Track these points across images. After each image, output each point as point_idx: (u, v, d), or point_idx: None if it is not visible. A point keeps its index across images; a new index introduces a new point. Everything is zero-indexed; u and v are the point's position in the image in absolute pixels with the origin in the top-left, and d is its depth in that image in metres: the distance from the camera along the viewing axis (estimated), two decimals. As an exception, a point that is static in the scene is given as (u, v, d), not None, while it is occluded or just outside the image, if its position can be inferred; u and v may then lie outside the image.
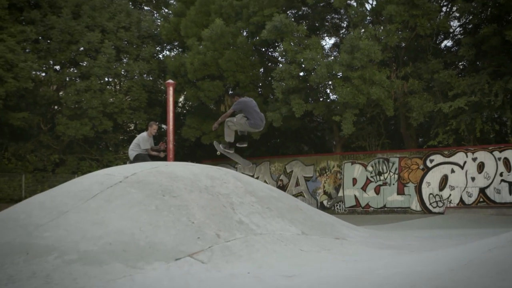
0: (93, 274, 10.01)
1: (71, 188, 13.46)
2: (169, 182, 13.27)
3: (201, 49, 35.16)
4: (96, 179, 13.59)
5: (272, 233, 12.70)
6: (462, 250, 9.52)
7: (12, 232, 11.52)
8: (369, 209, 33.23)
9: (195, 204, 12.65)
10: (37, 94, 35.90)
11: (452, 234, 18.47)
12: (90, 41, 36.32)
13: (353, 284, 8.33)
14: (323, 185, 35.37)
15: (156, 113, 38.87)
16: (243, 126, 14.68)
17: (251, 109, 14.81)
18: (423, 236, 17.52)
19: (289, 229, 13.28)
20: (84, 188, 13.10)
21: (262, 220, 13.19)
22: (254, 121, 14.72)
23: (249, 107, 14.79)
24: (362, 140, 38.23)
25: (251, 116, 14.69)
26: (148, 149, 17.09)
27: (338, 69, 31.20)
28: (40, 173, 35.69)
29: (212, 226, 12.22)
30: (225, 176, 15.00)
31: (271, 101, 35.71)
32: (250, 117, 14.69)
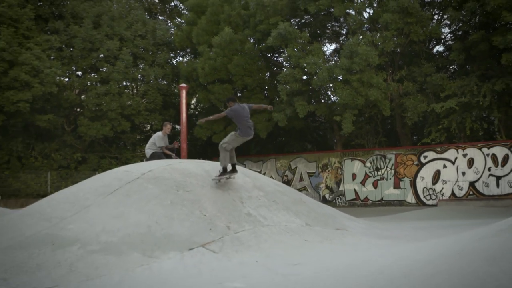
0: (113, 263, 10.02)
1: (92, 184, 13.48)
2: (182, 178, 13.27)
3: (211, 55, 35.16)
4: (116, 176, 13.61)
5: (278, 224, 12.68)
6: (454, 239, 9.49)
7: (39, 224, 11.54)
8: (367, 202, 33.16)
9: (206, 198, 12.65)
10: (61, 98, 35.95)
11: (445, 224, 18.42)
12: (109, 48, 36.36)
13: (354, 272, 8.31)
14: (325, 180, 35.31)
15: (170, 115, 38.87)
16: (237, 141, 13.88)
17: (242, 119, 13.90)
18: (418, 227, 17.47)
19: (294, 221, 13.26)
20: (104, 184, 13.11)
21: (269, 213, 13.18)
22: (243, 130, 13.83)
23: (241, 116, 13.90)
24: (361, 138, 38.13)
25: (241, 125, 13.77)
26: (162, 147, 17.07)
27: (338, 73, 31.15)
28: (64, 170, 35.73)
29: (222, 218, 12.21)
30: (235, 172, 14.98)
31: (276, 102, 35.66)
32: (240, 126, 13.77)
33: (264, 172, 37.34)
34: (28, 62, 32.16)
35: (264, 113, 35.45)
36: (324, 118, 39.59)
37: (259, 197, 13.87)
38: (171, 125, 18.09)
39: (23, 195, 32.93)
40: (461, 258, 7.07)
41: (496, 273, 5.98)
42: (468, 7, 30.70)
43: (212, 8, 36.70)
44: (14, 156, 34.31)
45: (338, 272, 8.52)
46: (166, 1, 49.00)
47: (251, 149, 42.51)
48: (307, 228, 13.03)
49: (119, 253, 10.35)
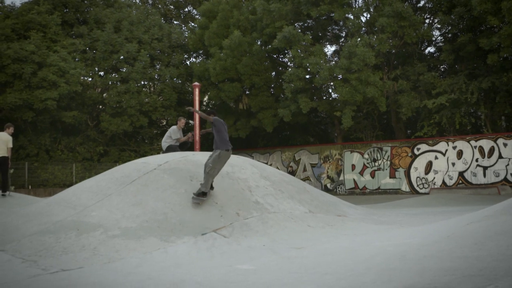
0: (132, 247, 10.03)
1: (113, 174, 13.49)
2: (196, 169, 13.26)
3: (222, 56, 35.18)
4: (134, 167, 13.61)
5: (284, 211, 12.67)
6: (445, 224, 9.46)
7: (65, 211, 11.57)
8: (365, 190, 33.14)
9: (218, 187, 12.64)
10: (84, 96, 36.07)
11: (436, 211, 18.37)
12: (128, 50, 36.40)
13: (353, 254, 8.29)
14: (327, 171, 35.30)
15: (184, 111, 38.88)
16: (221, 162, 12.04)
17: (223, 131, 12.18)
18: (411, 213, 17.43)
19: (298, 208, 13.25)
20: (124, 175, 13.12)
21: (275, 201, 13.16)
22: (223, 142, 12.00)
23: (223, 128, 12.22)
24: (359, 132, 38.11)
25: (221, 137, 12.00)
26: (178, 138, 17.05)
27: (338, 72, 31.16)
28: (87, 162, 35.84)
29: (232, 206, 12.20)
30: (243, 163, 14.98)
31: (281, 99, 35.68)
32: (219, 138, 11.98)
33: (271, 163, 37.36)
34: (55, 64, 32.26)
35: (270, 109, 35.47)
36: (326, 113, 39.58)
37: (266, 186, 13.85)
38: (185, 119, 18.05)
39: (51, 185, 33.05)
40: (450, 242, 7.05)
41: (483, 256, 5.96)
42: (456, 12, 30.66)
43: (223, 13, 36.69)
44: (43, 149, 34.46)
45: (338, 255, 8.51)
46: (180, 7, 49.01)
47: (258, 142, 42.52)
48: (310, 214, 13.01)
49: (137, 237, 10.36)
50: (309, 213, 13.09)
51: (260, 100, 35.91)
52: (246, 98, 37.23)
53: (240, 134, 37.26)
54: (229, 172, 13.74)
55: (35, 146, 34.16)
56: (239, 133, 37.25)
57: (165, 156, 14.84)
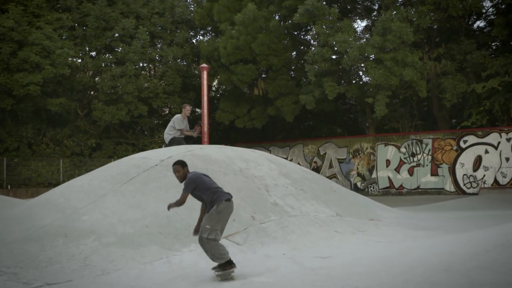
0: (130, 256, 10.07)
1: (108, 171, 13.54)
2: (204, 165, 13.28)
3: (234, 34, 35.11)
4: (133, 163, 13.66)
5: (307, 214, 12.67)
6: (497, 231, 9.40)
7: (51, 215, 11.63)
8: (402, 190, 33.05)
9: (230, 186, 12.65)
10: (73, 80, 36.12)
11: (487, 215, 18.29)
12: (124, 27, 36.43)
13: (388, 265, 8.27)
14: (357, 167, 35.23)
15: (190, 98, 38.91)
16: (223, 218, 9.72)
17: (207, 185, 9.83)
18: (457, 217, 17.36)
19: (323, 210, 13.24)
20: (120, 172, 13.17)
21: (296, 202, 13.16)
22: (219, 195, 9.67)
23: (205, 182, 9.84)
24: (395, 122, 37.95)
25: (209, 192, 9.70)
26: (182, 129, 17.03)
27: (370, 51, 31.00)
28: (77, 157, 35.94)
29: (247, 208, 12.21)
30: (259, 158, 14.99)
31: (304, 84, 35.60)
32: (209, 194, 9.69)
33: (291, 158, 37.33)
34: (38, 42, 32.31)
35: (290, 95, 35.40)
36: (355, 100, 39.44)
37: (286, 185, 13.85)
38: (190, 106, 18.07)
39: (34, 184, 33.19)
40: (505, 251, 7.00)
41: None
42: (512, -22, 30.38)
43: (235, -17, 36.68)
44: (24, 143, 34.54)
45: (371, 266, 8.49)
46: (185, -24, 49.03)
47: (276, 134, 42.51)
48: (338, 218, 13.00)
49: (136, 245, 10.41)
50: (336, 217, 13.08)
51: (279, 84, 35.84)
52: (262, 82, 37.18)
53: (256, 124, 37.26)
54: (242, 168, 13.75)
55: (15, 139, 34.28)
56: (254, 123, 37.24)
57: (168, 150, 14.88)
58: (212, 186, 9.82)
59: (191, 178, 9.74)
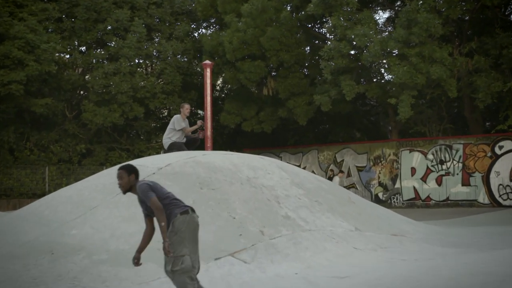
0: (124, 276, 10.08)
1: (99, 181, 13.57)
2: (207, 174, 13.30)
3: (240, 26, 35.16)
4: (127, 171, 13.69)
5: (322, 229, 12.67)
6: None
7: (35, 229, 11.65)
8: (430, 202, 33.00)
9: (236, 197, 12.67)
10: (61, 78, 36.18)
11: (526, 230, 18.25)
12: (118, 19, 36.46)
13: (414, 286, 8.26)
14: (378, 176, 35.22)
15: (191, 98, 38.95)
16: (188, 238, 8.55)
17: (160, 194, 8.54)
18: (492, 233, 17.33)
19: (340, 224, 13.24)
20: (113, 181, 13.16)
21: (310, 215, 13.17)
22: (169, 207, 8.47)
23: (158, 191, 8.58)
24: (421, 125, 37.90)
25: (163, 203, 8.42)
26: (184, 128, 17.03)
27: (394, 46, 30.99)
28: (65, 164, 36.01)
29: (255, 221, 12.22)
30: (269, 166, 15.00)
31: (318, 82, 35.60)
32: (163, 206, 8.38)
33: (304, 166, 37.36)
34: (21, 36, 32.36)
35: (303, 95, 35.40)
36: (376, 100, 39.45)
37: (299, 196, 13.86)
38: (189, 105, 18.12)
39: (16, 195, 33.27)
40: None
41: None
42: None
43: (241, -31, 36.73)
44: (5, 148, 34.59)
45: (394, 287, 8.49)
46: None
47: (288, 139, 42.54)
48: (357, 233, 13.00)
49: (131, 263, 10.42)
50: (355, 231, 13.08)
51: (291, 83, 35.85)
52: (272, 81, 37.21)
53: (265, 128, 37.28)
54: (250, 177, 13.76)
55: (-5, 144, 34.43)
56: (263, 126, 37.26)
57: (167, 156, 14.91)
58: (167, 196, 8.57)
59: (144, 185, 8.45)
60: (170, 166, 13.48)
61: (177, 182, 12.84)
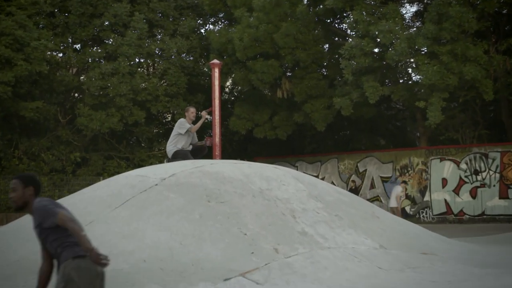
0: (124, 298, 10.09)
1: (96, 193, 13.60)
2: (215, 185, 13.31)
3: (252, 22, 35.22)
4: (127, 182, 13.71)
5: (343, 246, 12.66)
6: None
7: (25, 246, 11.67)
8: (463, 216, 32.97)
9: (247, 211, 12.68)
10: (53, 79, 36.25)
11: None
12: (116, 13, 36.50)
13: (446, 311, 8.25)
14: (405, 187, 35.16)
15: (197, 101, 38.99)
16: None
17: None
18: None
19: (363, 241, 13.22)
20: (112, 193, 13.22)
21: (330, 231, 13.16)
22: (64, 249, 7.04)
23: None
24: (453, 131, 37.86)
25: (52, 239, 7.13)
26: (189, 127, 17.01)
27: (422, 43, 30.99)
28: (57, 175, 36.05)
29: (268, 238, 12.22)
30: (284, 176, 15.00)
31: (338, 84, 35.62)
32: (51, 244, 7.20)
33: (323, 176, 37.37)
34: (9, 32, 32.43)
35: (322, 98, 35.41)
36: (403, 104, 39.46)
37: (317, 209, 13.86)
38: (195, 109, 18.15)
39: (3, 209, 33.27)
40: None
41: None
42: None
43: (253, -42, 36.82)
44: (-8, 157, 34.79)
45: (425, 311, 8.48)
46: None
47: (305, 146, 42.57)
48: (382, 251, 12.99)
49: (131, 284, 10.43)
50: (379, 249, 13.07)
51: (308, 85, 35.88)
52: (287, 82, 37.25)
53: (279, 134, 37.30)
54: (263, 189, 13.77)
55: (-20, 152, 34.55)
56: (276, 132, 37.29)
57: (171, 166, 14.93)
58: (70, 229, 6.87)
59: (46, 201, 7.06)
60: (174, 176, 13.50)
61: (182, 194, 12.86)
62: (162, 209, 12.43)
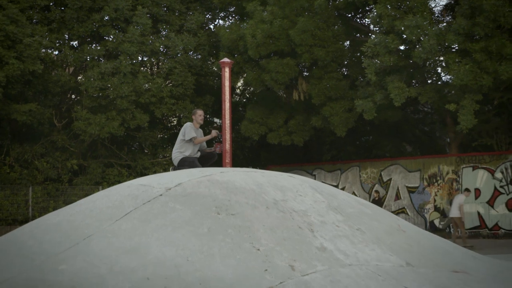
0: (125, 320, 10.10)
1: (95, 204, 13.61)
2: (225, 196, 13.31)
3: (265, 16, 35.27)
4: (128, 192, 13.72)
5: (366, 264, 12.64)
6: None
7: (16, 264, 11.69)
8: (498, 231, 32.89)
9: (260, 224, 12.68)
10: (48, 80, 36.34)
11: None
12: (117, 7, 36.58)
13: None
14: (434, 199, 35.16)
15: (206, 103, 39.09)
16: None
17: None
18: None
19: (388, 258, 13.21)
20: (112, 205, 13.24)
21: (351, 247, 13.14)
22: None
23: None
24: (487, 137, 37.81)
25: None
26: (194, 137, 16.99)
27: (453, 40, 30.91)
28: (52, 184, 36.15)
29: (284, 254, 12.22)
30: (301, 186, 14.98)
31: (360, 85, 35.60)
32: None
33: (344, 186, 37.40)
34: (0, 28, 32.53)
35: (342, 100, 35.37)
36: (432, 106, 39.41)
37: (337, 223, 13.84)
38: (203, 112, 18.13)
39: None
40: None
41: None
42: None
43: None
44: (-19, 164, 34.91)
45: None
46: None
47: (323, 153, 42.56)
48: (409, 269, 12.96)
49: (133, 304, 10.44)
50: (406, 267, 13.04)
51: (326, 86, 35.89)
52: (304, 82, 37.28)
53: (295, 140, 37.31)
54: (278, 200, 13.75)
55: (-32, 160, 34.69)
56: (292, 138, 37.30)
57: (177, 174, 14.93)
58: None
59: None
60: (180, 186, 13.50)
61: (189, 205, 12.86)
62: (167, 222, 12.43)
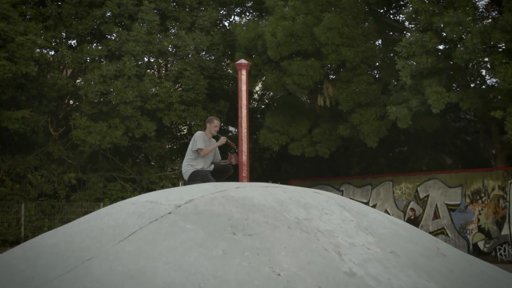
0: None
1: (95, 223, 13.68)
2: (242, 214, 13.35)
3: (287, 12, 35.32)
4: (133, 210, 13.78)
5: (401, 291, 12.66)
6: None
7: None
8: (552, 255, 32.85)
9: (282, 246, 12.71)
10: (43, 83, 36.45)
11: None
12: (121, 2, 36.69)
13: None
14: (478, 218, 35.07)
15: (220, 110, 39.13)
16: None
17: None
18: None
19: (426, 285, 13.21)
20: (115, 223, 13.29)
21: (384, 272, 13.16)
22: None
23: None
24: (539, 148, 37.80)
25: None
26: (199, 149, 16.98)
27: (499, 39, 30.87)
28: (48, 200, 36.23)
29: (307, 280, 12.24)
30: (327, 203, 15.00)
31: (394, 89, 35.58)
32: None
33: (375, 203, 37.36)
34: (-11, 25, 32.79)
35: (373, 107, 35.33)
36: (475, 114, 39.36)
37: (368, 245, 13.85)
38: (219, 121, 18.16)
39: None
40: None
41: None
42: None
43: None
44: (-32, 178, 35.05)
45: None
46: None
47: (352, 166, 42.55)
48: (449, 297, 12.97)
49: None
50: (446, 295, 13.05)
51: (355, 90, 35.87)
52: (330, 87, 37.27)
53: (320, 151, 37.30)
54: (301, 219, 13.77)
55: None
56: (317, 149, 37.29)
57: (187, 190, 14.98)
58: None
59: None
60: (192, 203, 13.54)
61: (201, 225, 12.90)
62: (177, 244, 12.47)
